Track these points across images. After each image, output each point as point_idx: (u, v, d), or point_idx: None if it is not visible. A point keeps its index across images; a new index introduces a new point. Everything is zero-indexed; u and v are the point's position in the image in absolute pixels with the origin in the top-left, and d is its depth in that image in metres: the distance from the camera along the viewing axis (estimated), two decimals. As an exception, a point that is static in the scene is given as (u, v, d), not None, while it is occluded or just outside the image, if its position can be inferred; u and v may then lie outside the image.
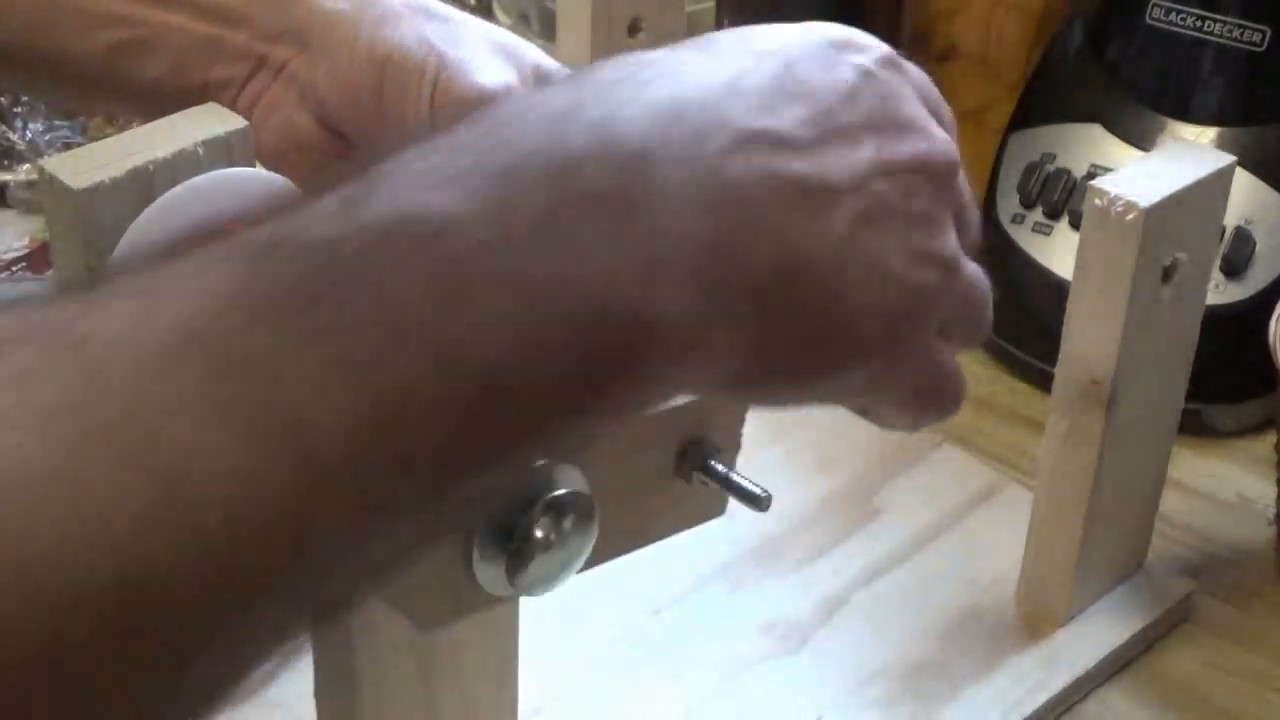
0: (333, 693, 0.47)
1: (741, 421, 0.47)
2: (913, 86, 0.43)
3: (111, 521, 0.26)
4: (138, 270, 0.30)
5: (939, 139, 0.43)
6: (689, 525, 0.47)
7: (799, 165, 0.38)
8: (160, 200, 0.57)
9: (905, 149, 0.41)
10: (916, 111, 0.42)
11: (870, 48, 0.42)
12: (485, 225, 0.32)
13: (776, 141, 0.38)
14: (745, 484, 0.45)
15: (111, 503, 0.26)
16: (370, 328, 0.30)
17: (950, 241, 0.43)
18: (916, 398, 0.44)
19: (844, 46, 0.42)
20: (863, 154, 0.40)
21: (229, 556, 0.27)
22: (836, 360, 0.41)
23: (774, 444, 0.73)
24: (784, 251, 0.38)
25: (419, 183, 0.32)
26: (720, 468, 0.45)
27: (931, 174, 0.42)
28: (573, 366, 0.33)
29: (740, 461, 0.48)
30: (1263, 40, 0.76)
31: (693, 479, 0.45)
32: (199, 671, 0.28)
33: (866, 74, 0.41)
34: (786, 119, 0.39)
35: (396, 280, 0.31)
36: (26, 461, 0.26)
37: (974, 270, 0.44)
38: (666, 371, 0.36)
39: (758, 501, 0.45)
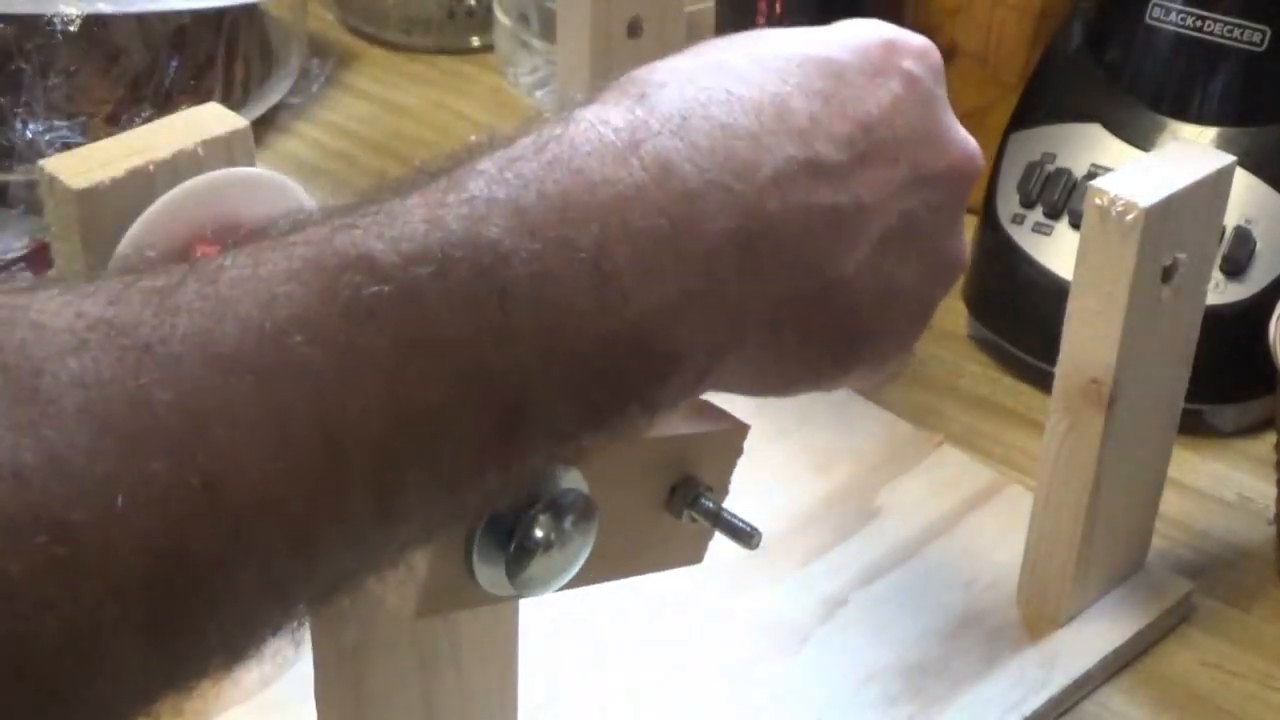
0: (333, 693, 0.47)
1: (733, 466, 0.47)
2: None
3: (155, 519, 0.28)
4: (221, 267, 0.31)
5: (968, 147, 0.44)
6: (666, 567, 0.48)
7: (835, 194, 0.39)
8: (161, 200, 0.57)
9: (939, 163, 0.43)
10: (949, 118, 0.43)
11: (915, 47, 0.43)
12: (541, 261, 0.33)
13: (817, 170, 0.39)
14: (735, 521, 0.45)
15: (159, 502, 0.28)
16: (416, 354, 0.32)
17: (962, 240, 0.45)
18: (889, 379, 0.46)
19: (892, 49, 0.42)
20: (898, 172, 0.41)
21: (252, 549, 0.30)
22: (839, 371, 0.43)
23: (774, 444, 0.73)
24: (808, 280, 0.39)
25: (488, 212, 0.33)
26: (711, 504, 0.45)
27: (957, 180, 0.43)
28: (595, 396, 0.35)
29: (740, 462, 0.48)
30: (1263, 40, 0.76)
31: (683, 515, 0.45)
32: (210, 644, 0.31)
33: (911, 81, 0.42)
34: (829, 144, 0.39)
35: (449, 309, 0.32)
36: (90, 458, 0.28)
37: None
38: (679, 396, 0.37)
39: (748, 539, 0.45)
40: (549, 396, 0.34)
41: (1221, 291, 0.73)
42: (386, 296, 0.32)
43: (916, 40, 0.43)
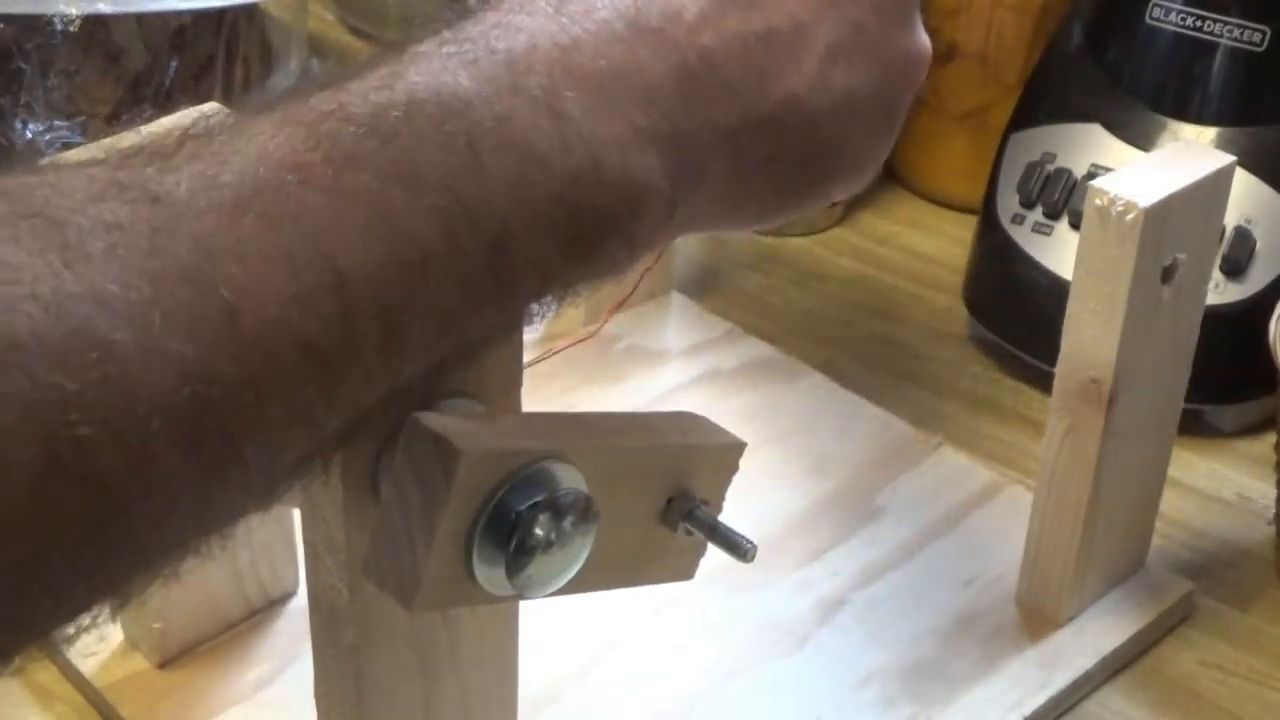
0: (333, 692, 0.47)
1: (729, 481, 0.47)
2: None
3: (187, 343, 0.31)
4: (211, 134, 0.34)
5: None
6: (659, 580, 0.48)
7: (768, 18, 0.41)
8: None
9: None
10: None
11: None
12: (496, 102, 0.36)
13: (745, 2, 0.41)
14: (731, 533, 0.45)
15: (187, 327, 0.31)
16: (398, 188, 0.34)
17: (919, 34, 0.46)
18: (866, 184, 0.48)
19: None
20: None
21: (277, 374, 0.32)
22: (816, 187, 0.45)
23: (773, 445, 0.73)
24: (757, 105, 0.41)
25: (444, 65, 0.36)
26: (706, 517, 0.45)
27: None
28: (571, 230, 0.38)
29: (740, 463, 0.48)
30: (1263, 40, 0.76)
31: (679, 527, 0.46)
32: (249, 466, 0.33)
33: None
34: None
35: (422, 147, 0.35)
36: (124, 289, 0.30)
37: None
38: (654, 227, 0.40)
39: (743, 552, 0.45)
40: (528, 230, 0.36)
41: (1221, 291, 0.73)
42: (364, 138, 0.34)
43: None
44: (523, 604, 0.48)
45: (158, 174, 0.33)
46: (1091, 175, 0.76)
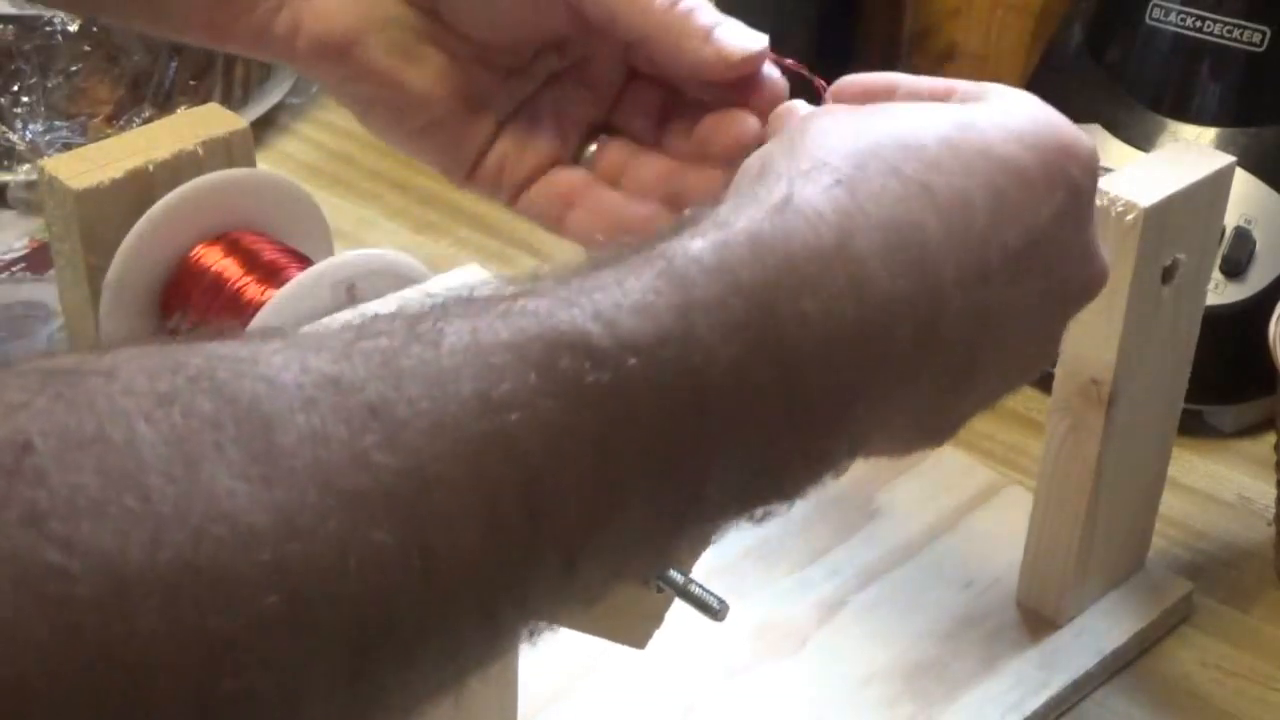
0: (333, 693, 0.47)
1: (700, 554, 0.48)
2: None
3: (375, 582, 0.29)
4: (436, 334, 0.33)
5: (1104, 265, 0.45)
6: (614, 638, 0.48)
7: (991, 298, 0.41)
8: (162, 201, 0.57)
9: (1079, 280, 0.44)
10: (1094, 232, 0.45)
11: (1084, 155, 0.44)
12: (739, 369, 0.35)
13: (984, 277, 0.41)
14: (702, 593, 0.46)
15: (379, 566, 0.29)
16: (617, 434, 0.33)
17: (1059, 332, 0.46)
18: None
19: (1066, 154, 0.43)
20: (1045, 285, 0.43)
21: (449, 616, 0.31)
22: (962, 404, 0.44)
23: (774, 444, 0.73)
24: (948, 377, 0.41)
25: (695, 310, 0.35)
26: (678, 576, 0.46)
27: (1083, 293, 0.45)
28: (787, 482, 0.38)
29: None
30: (1263, 40, 0.76)
31: (651, 582, 0.46)
32: (394, 700, 0.32)
33: (1076, 194, 0.43)
34: (1000, 253, 0.41)
35: (652, 398, 0.34)
36: (319, 518, 0.29)
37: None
38: (836, 472, 0.40)
39: (715, 612, 0.46)
40: (728, 476, 0.36)
41: (1221, 291, 0.73)
42: (598, 384, 0.33)
43: (1086, 145, 0.44)
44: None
45: (379, 381, 0.31)
46: (1091, 175, 0.76)
